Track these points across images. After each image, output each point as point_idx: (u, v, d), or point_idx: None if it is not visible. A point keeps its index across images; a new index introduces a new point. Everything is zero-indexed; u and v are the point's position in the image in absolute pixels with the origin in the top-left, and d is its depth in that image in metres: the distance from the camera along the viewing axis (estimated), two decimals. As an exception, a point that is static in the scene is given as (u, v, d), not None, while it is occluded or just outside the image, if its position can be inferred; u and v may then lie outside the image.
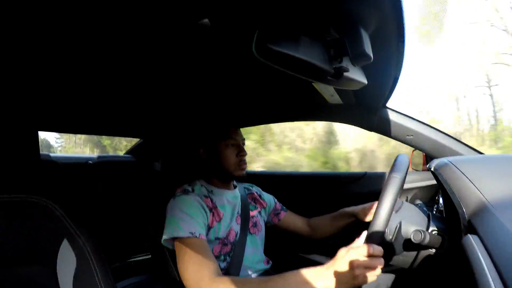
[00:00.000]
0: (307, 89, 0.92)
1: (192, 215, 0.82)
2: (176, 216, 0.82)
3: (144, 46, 0.66)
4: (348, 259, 0.62)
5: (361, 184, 1.35)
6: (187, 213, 0.82)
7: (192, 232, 0.79)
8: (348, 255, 0.63)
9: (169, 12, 0.51)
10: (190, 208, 0.84)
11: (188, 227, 0.79)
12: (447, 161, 0.68)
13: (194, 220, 0.82)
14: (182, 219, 0.81)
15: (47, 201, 0.66)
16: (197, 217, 0.83)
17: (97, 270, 0.66)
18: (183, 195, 0.87)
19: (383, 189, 0.61)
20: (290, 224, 1.13)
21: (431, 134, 1.13)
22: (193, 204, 0.85)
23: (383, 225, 0.59)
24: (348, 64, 0.54)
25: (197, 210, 0.84)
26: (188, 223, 0.80)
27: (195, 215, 0.83)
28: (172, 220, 0.82)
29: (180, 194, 0.88)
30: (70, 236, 0.66)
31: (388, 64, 0.71)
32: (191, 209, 0.84)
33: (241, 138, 0.99)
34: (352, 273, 0.61)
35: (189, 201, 0.85)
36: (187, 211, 0.83)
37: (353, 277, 0.61)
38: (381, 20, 0.51)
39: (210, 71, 0.84)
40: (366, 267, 0.61)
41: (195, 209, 0.84)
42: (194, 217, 0.82)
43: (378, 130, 1.19)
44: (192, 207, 0.84)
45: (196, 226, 0.80)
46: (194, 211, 0.84)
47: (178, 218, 0.81)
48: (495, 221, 0.46)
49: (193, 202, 0.86)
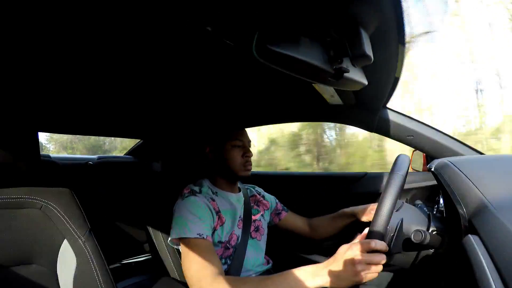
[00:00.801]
0: (308, 90, 0.92)
1: (201, 217, 0.83)
2: (184, 217, 0.82)
3: (145, 47, 0.66)
4: (350, 255, 0.61)
5: (362, 184, 1.35)
6: (195, 215, 0.83)
7: (200, 234, 0.79)
8: (349, 251, 0.62)
9: (170, 14, 0.51)
10: (198, 209, 0.84)
11: (196, 228, 0.80)
12: (447, 161, 0.68)
13: (202, 222, 0.82)
14: (190, 220, 0.81)
15: (47, 201, 0.66)
16: (205, 219, 0.84)
17: (97, 270, 0.66)
18: (191, 196, 0.87)
19: (384, 188, 0.61)
20: (291, 224, 1.13)
21: (432, 135, 1.13)
22: (201, 206, 0.85)
23: (385, 223, 0.59)
24: (349, 65, 0.54)
25: (205, 212, 0.85)
26: (196, 224, 0.81)
27: (203, 216, 0.84)
28: (180, 221, 0.82)
29: (188, 195, 0.88)
30: (70, 237, 0.66)
31: (389, 64, 0.71)
32: (199, 210, 0.84)
33: (247, 140, 1.01)
34: (353, 270, 0.60)
35: (198, 202, 0.86)
36: (196, 212, 0.83)
37: (354, 273, 0.60)
38: (381, 20, 0.51)
39: (211, 72, 0.84)
40: (368, 263, 0.60)
41: (203, 211, 0.85)
42: (202, 219, 0.83)
43: (379, 131, 1.19)
44: (201, 209, 0.85)
45: (203, 228, 0.81)
46: (203, 213, 0.84)
47: (186, 219, 0.82)
48: (495, 221, 0.46)
49: (202, 204, 0.86)
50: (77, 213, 0.69)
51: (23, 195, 0.64)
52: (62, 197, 0.68)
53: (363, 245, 0.61)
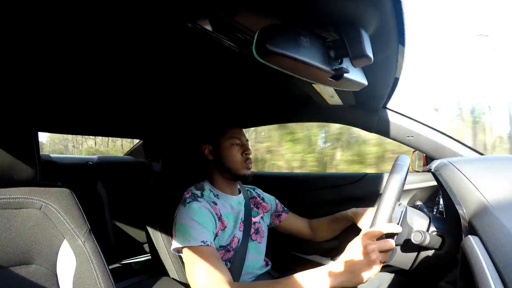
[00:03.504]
0: (308, 90, 0.92)
1: (203, 224, 0.82)
2: (187, 225, 0.81)
3: (143, 48, 0.66)
4: (361, 247, 0.60)
5: (362, 185, 1.35)
6: (198, 222, 0.81)
7: (204, 241, 0.78)
8: (359, 244, 0.61)
9: (168, 12, 0.51)
10: (201, 217, 0.83)
11: (199, 236, 0.79)
12: (447, 162, 0.68)
13: (205, 229, 0.81)
14: (193, 228, 0.80)
15: (47, 201, 0.66)
16: (208, 226, 0.83)
17: (97, 271, 0.66)
18: (193, 203, 0.86)
19: (384, 187, 0.61)
20: (291, 225, 1.13)
21: (431, 135, 1.13)
22: (204, 213, 0.84)
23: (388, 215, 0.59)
24: (348, 65, 0.54)
25: (207, 219, 0.84)
26: (200, 231, 0.80)
27: (206, 223, 0.83)
28: (183, 229, 0.81)
29: (190, 201, 0.87)
30: (70, 237, 0.66)
31: (389, 65, 0.71)
32: (202, 217, 0.83)
33: (245, 138, 1.00)
34: (368, 260, 0.59)
35: (200, 209, 0.85)
36: (199, 220, 0.82)
37: (369, 263, 0.59)
38: (382, 21, 0.51)
39: (211, 73, 0.84)
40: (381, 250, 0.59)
41: (206, 218, 0.84)
42: (205, 226, 0.82)
43: (378, 131, 1.19)
44: (203, 215, 0.84)
45: (207, 235, 0.80)
46: (205, 220, 0.83)
47: (189, 227, 0.80)
48: (495, 222, 0.46)
49: (204, 210, 0.85)
50: (77, 213, 0.69)
51: (23, 195, 0.64)
52: (62, 197, 0.68)
53: (371, 232, 0.60)
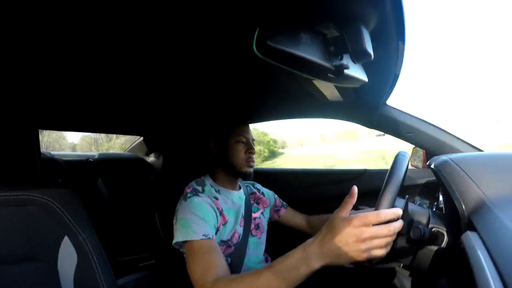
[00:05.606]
0: (308, 86, 0.92)
1: (204, 218, 0.82)
2: (188, 219, 0.81)
3: (144, 44, 0.66)
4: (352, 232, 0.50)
5: (362, 181, 1.35)
6: (199, 216, 0.82)
7: (205, 234, 0.79)
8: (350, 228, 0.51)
9: (168, 10, 0.51)
10: (202, 211, 0.84)
11: (201, 229, 0.79)
12: (447, 158, 0.68)
13: (206, 223, 0.82)
14: (194, 222, 0.81)
15: (48, 198, 0.66)
16: (209, 220, 0.83)
17: (98, 267, 0.66)
18: (194, 197, 0.87)
19: (384, 183, 0.61)
20: (290, 220, 1.14)
21: (431, 132, 1.13)
22: (205, 207, 0.85)
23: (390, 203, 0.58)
24: (349, 62, 0.54)
25: (208, 213, 0.85)
26: (201, 225, 0.80)
27: (207, 217, 0.83)
28: (184, 223, 0.81)
29: (191, 196, 0.87)
30: (71, 233, 0.66)
31: (389, 61, 0.71)
32: (203, 211, 0.84)
33: (251, 137, 1.01)
34: (357, 247, 0.50)
35: (201, 203, 0.85)
36: (200, 214, 0.83)
37: (358, 251, 0.50)
38: (382, 17, 0.51)
39: (212, 69, 0.84)
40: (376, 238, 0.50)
41: (207, 211, 0.84)
42: (206, 220, 0.82)
43: (379, 127, 1.19)
44: (204, 209, 0.84)
45: (208, 229, 0.81)
46: (206, 213, 0.84)
47: (190, 221, 0.81)
48: (494, 218, 0.46)
49: (205, 204, 0.86)
50: (78, 210, 0.69)
51: (24, 192, 0.64)
52: (63, 194, 0.69)
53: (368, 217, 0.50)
